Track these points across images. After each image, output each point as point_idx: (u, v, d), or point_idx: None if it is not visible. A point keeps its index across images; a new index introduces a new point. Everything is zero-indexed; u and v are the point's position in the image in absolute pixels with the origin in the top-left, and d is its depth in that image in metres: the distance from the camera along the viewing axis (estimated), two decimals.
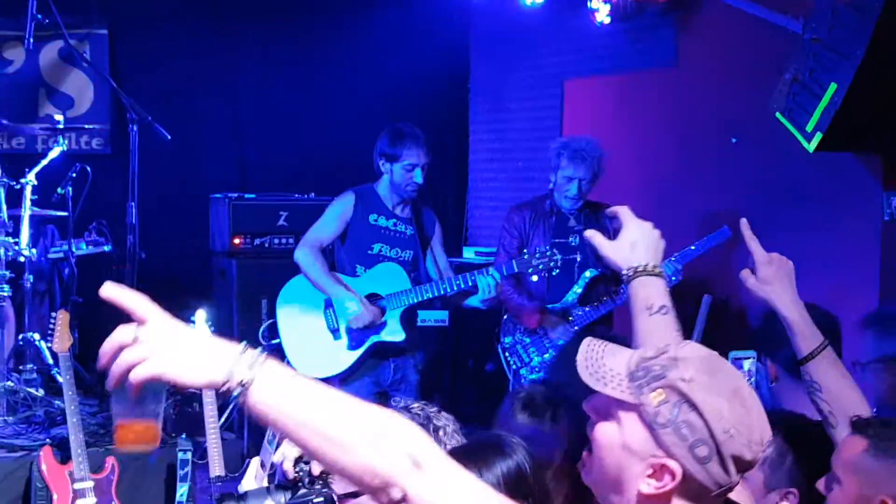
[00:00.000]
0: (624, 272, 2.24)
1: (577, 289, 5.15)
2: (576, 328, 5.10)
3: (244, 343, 1.48)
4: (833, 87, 4.21)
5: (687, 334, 5.35)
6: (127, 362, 1.46)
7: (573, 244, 5.13)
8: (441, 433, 2.16)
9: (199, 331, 1.52)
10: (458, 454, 1.93)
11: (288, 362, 4.81)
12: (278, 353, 4.86)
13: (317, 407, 1.48)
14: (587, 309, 5.15)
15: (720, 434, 1.60)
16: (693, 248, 5.11)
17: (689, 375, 1.62)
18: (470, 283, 4.84)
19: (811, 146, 4.34)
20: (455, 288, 4.87)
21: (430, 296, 4.92)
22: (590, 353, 1.71)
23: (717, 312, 5.32)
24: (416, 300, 4.95)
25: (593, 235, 2.31)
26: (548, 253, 4.75)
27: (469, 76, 7.73)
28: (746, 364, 3.52)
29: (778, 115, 4.52)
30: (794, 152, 4.62)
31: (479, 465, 2.03)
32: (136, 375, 1.46)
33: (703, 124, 5.84)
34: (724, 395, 1.61)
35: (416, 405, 2.25)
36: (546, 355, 5.15)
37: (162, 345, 1.46)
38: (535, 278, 4.93)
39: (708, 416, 1.60)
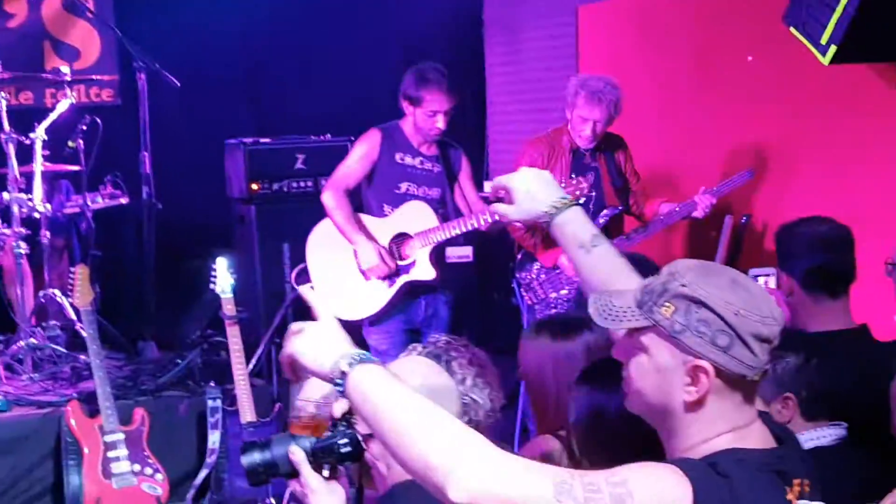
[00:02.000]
0: (542, 222, 2.16)
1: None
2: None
3: (354, 349, 1.79)
4: None
5: (711, 255, 5.33)
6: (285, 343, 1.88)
7: (590, 182, 5.05)
8: (454, 364, 2.22)
9: (335, 331, 1.84)
10: (548, 325, 2.72)
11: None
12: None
13: (394, 407, 1.69)
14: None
15: (732, 318, 1.71)
16: (715, 189, 5.08)
17: (687, 280, 1.75)
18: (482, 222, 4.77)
19: (826, 59, 4.25)
20: (482, 223, 4.79)
21: (459, 231, 4.85)
22: (599, 301, 1.84)
23: (737, 232, 5.29)
24: (444, 237, 4.90)
25: (496, 209, 2.23)
26: (573, 181, 4.67)
27: (482, 7, 7.57)
28: (761, 279, 3.53)
29: (792, 29, 4.43)
30: (810, 67, 4.54)
31: (567, 335, 2.61)
32: (281, 355, 1.88)
33: (719, 44, 5.72)
34: (723, 286, 1.74)
35: (441, 339, 2.29)
36: (562, 291, 5.11)
37: (304, 337, 1.83)
38: None
39: (716, 306, 1.71)
